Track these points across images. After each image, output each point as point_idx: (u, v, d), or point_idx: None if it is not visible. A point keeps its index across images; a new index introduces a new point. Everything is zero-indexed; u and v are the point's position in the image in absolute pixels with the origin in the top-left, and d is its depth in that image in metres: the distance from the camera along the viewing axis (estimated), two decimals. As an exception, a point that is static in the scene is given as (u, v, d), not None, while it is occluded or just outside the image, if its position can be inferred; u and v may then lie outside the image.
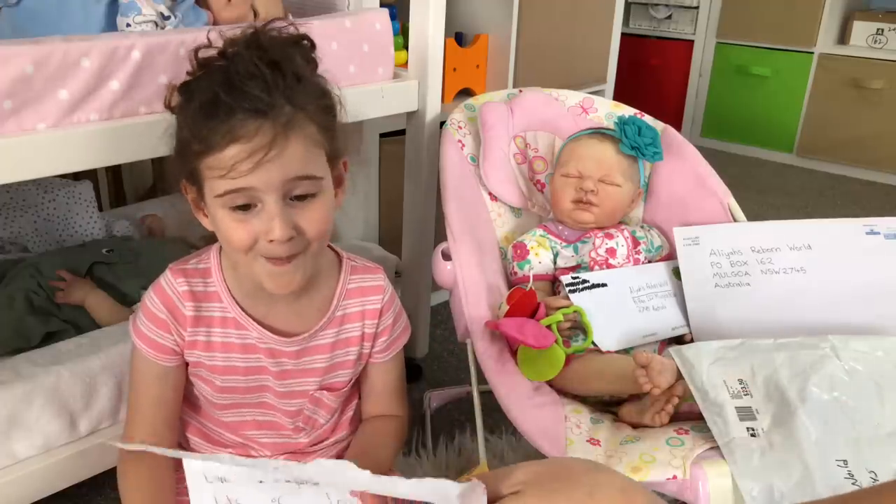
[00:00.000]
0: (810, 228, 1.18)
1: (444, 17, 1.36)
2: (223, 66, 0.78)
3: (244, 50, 0.78)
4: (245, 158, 0.75)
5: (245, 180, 0.75)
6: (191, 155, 0.78)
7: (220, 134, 0.75)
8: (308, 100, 0.80)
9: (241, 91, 0.75)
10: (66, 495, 1.11)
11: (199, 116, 0.76)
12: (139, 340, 0.88)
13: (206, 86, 0.77)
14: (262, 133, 0.75)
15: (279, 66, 0.78)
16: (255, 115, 0.75)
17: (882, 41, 2.92)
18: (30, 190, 1.44)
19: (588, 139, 1.27)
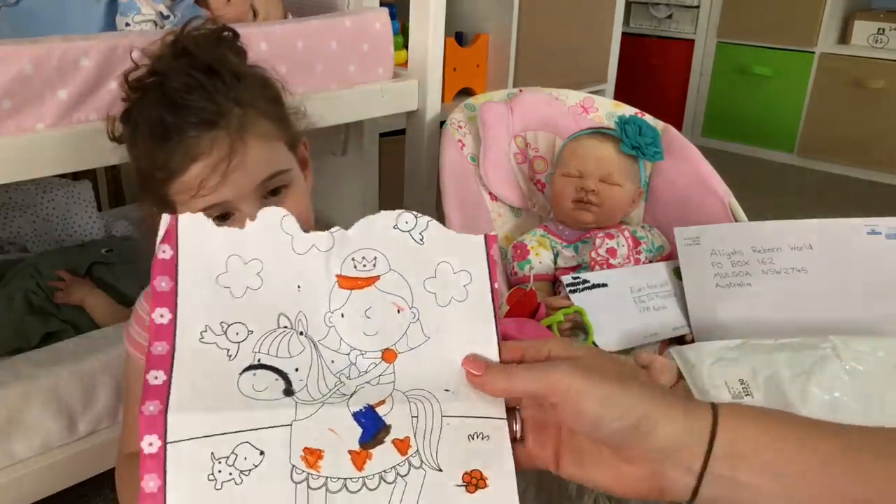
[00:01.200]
0: (811, 228, 1.18)
1: (444, 17, 1.35)
2: (157, 84, 0.75)
3: (174, 62, 0.75)
4: (209, 174, 0.73)
5: (217, 195, 0.74)
6: (155, 184, 0.76)
7: (177, 156, 0.73)
8: (253, 95, 0.78)
9: (185, 107, 0.73)
10: (66, 495, 1.11)
11: (151, 144, 0.74)
12: (132, 348, 0.87)
13: (147, 110, 0.75)
14: (219, 144, 0.73)
15: (214, 70, 0.75)
16: (206, 127, 0.73)
17: (883, 41, 2.92)
18: (29, 190, 1.44)
19: (588, 139, 1.27)
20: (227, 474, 0.45)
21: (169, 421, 0.45)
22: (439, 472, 0.48)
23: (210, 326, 0.49)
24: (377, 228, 0.53)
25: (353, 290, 0.51)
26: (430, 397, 0.49)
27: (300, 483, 0.46)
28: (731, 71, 3.28)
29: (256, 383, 0.48)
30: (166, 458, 0.44)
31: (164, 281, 0.50)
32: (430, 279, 0.53)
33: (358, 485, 0.47)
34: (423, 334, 0.51)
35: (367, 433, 0.48)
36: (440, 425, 0.49)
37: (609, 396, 0.45)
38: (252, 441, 0.46)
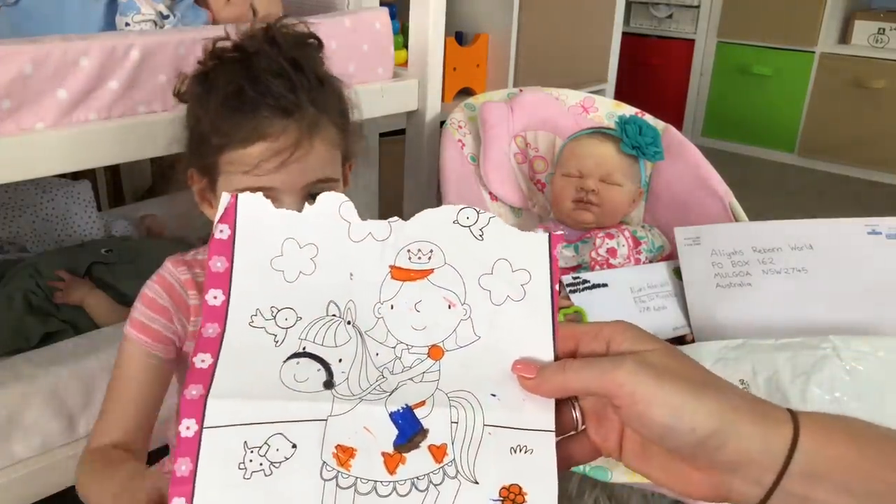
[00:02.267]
0: (812, 228, 1.18)
1: (444, 17, 1.35)
2: (243, 60, 0.76)
3: (265, 46, 0.77)
4: (270, 157, 0.74)
5: (268, 179, 0.75)
6: (209, 148, 0.77)
7: (245, 130, 0.74)
8: (329, 103, 0.80)
9: (266, 87, 0.74)
10: (66, 495, 1.11)
11: (222, 109, 0.75)
12: (132, 329, 0.82)
13: (227, 78, 0.76)
14: (288, 133, 0.75)
15: (301, 67, 0.77)
16: (281, 113, 0.75)
17: (883, 41, 2.92)
18: (28, 190, 1.44)
19: (589, 139, 1.26)
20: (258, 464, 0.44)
21: (208, 406, 0.45)
22: (475, 485, 0.45)
23: (260, 310, 0.48)
24: (436, 221, 0.51)
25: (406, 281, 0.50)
26: (473, 402, 0.47)
27: (329, 481, 0.45)
28: (732, 71, 3.28)
29: (298, 373, 0.47)
30: (201, 443, 0.44)
31: (219, 262, 0.49)
32: (486, 276, 0.50)
33: (388, 489, 0.45)
34: (473, 333, 0.49)
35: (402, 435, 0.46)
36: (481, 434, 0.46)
37: (681, 406, 0.40)
38: (286, 433, 0.45)
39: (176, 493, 0.43)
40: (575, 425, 0.47)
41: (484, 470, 0.45)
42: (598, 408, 0.46)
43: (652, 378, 0.41)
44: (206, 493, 0.43)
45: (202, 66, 0.79)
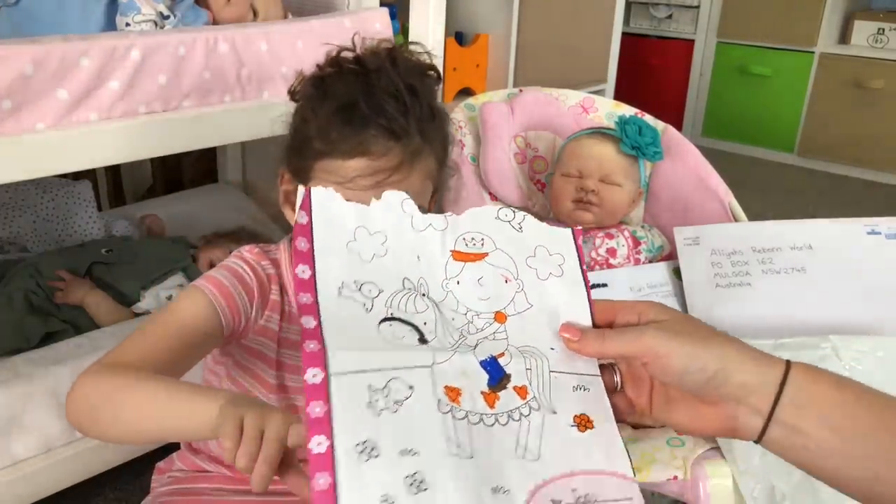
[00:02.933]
0: (811, 228, 1.18)
1: (444, 17, 1.36)
2: (364, 74, 0.77)
3: (387, 65, 0.77)
4: (368, 174, 0.74)
5: (359, 195, 0.69)
6: (309, 151, 0.77)
7: (350, 142, 0.74)
8: (436, 136, 0.80)
9: (381, 106, 0.75)
10: (66, 495, 1.11)
11: (333, 117, 0.75)
12: (207, 283, 0.75)
13: (344, 88, 0.76)
14: (391, 155, 0.75)
15: (418, 94, 0.78)
16: (389, 134, 0.75)
17: (883, 41, 2.92)
18: (29, 190, 1.44)
19: (588, 139, 1.27)
20: (384, 403, 0.50)
21: (333, 356, 0.51)
22: (554, 415, 0.55)
23: (346, 283, 0.55)
24: (482, 217, 0.61)
25: (467, 262, 0.59)
26: (538, 354, 0.57)
27: (446, 413, 0.52)
28: (731, 71, 3.28)
29: (396, 332, 0.55)
30: (330, 388, 0.50)
31: (302, 242, 0.56)
32: (530, 258, 0.61)
33: (492, 420, 0.54)
34: (527, 301, 0.59)
35: (493, 379, 0.55)
36: (549, 377, 0.57)
37: (692, 354, 0.52)
38: (402, 377, 0.52)
39: (316, 432, 0.48)
40: (615, 386, 0.59)
41: (558, 403, 0.56)
42: (632, 371, 0.58)
43: (670, 338, 0.52)
44: (344, 431, 0.48)
45: (320, 71, 0.80)
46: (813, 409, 0.50)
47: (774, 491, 0.87)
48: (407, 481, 0.48)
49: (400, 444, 0.49)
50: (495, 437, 0.53)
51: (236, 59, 1.08)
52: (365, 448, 0.48)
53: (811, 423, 0.50)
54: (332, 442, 0.48)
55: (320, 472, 0.47)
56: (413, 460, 0.49)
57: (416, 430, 0.50)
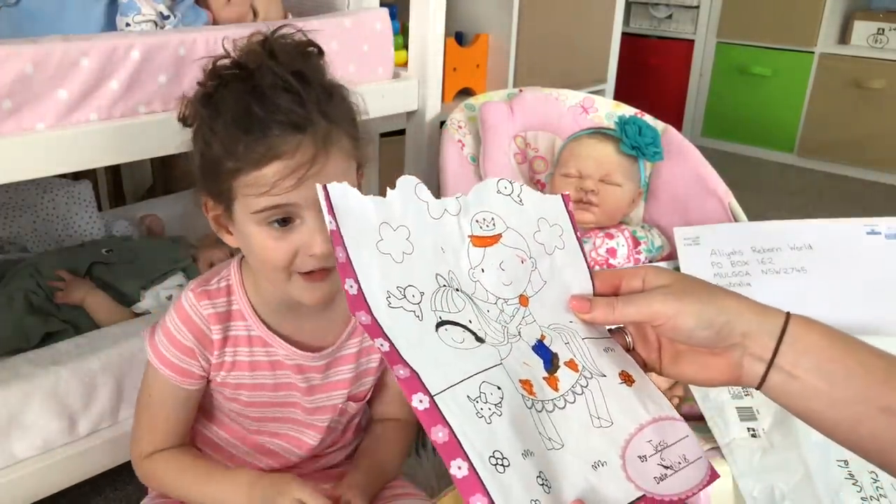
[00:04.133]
0: (811, 228, 1.18)
1: (444, 17, 1.36)
2: (247, 78, 0.74)
3: (267, 60, 0.75)
4: (288, 175, 0.72)
5: (286, 197, 0.73)
6: (223, 173, 0.74)
7: (258, 151, 0.72)
8: (340, 113, 0.78)
9: (274, 104, 0.72)
10: (66, 495, 1.11)
11: (232, 132, 0.73)
12: (161, 365, 0.85)
13: (232, 98, 0.74)
14: (303, 149, 0.73)
15: (308, 79, 0.75)
16: (293, 129, 0.72)
17: (883, 41, 2.92)
18: (29, 190, 1.44)
19: (588, 139, 1.27)
20: (488, 410, 0.50)
21: (422, 377, 0.50)
22: (605, 377, 0.58)
23: (391, 292, 0.53)
24: (486, 193, 0.60)
25: (486, 247, 0.59)
26: (566, 327, 0.59)
27: (530, 408, 0.53)
28: (731, 71, 3.28)
29: (454, 336, 0.53)
30: (440, 409, 0.49)
31: (339, 252, 0.53)
32: (536, 233, 0.61)
33: (562, 402, 0.55)
34: (541, 279, 0.60)
35: (547, 362, 0.56)
36: (585, 345, 0.58)
37: (699, 312, 0.55)
38: (488, 380, 0.52)
39: (451, 457, 0.47)
40: (628, 346, 0.62)
41: (602, 366, 0.58)
42: (641, 332, 0.62)
43: (677, 300, 0.55)
44: (473, 448, 0.48)
45: (203, 88, 0.77)
46: (808, 356, 0.54)
47: (774, 491, 0.87)
48: (538, 482, 0.49)
49: (517, 447, 0.49)
50: (571, 418, 0.54)
51: (236, 59, 1.08)
52: (497, 460, 0.48)
53: (804, 371, 0.53)
54: (471, 463, 0.47)
55: (474, 497, 0.46)
56: (532, 461, 0.50)
57: (522, 430, 0.51)
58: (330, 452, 0.99)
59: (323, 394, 0.91)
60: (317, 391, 0.91)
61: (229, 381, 0.88)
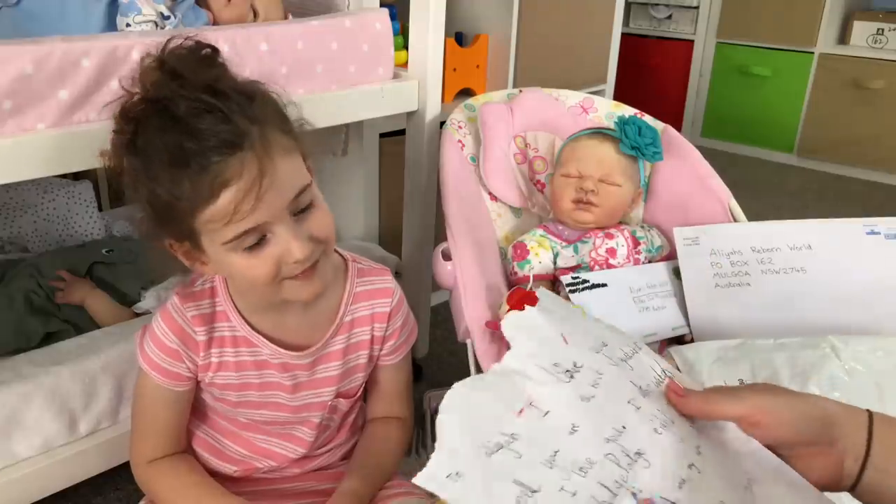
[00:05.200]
0: (810, 228, 1.18)
1: (444, 17, 1.36)
2: (161, 111, 0.71)
3: (171, 85, 0.71)
4: (243, 199, 0.70)
5: (252, 219, 0.72)
6: (179, 215, 0.72)
7: (205, 184, 0.69)
8: (266, 112, 0.75)
9: (201, 131, 0.69)
10: (66, 495, 1.11)
11: (173, 174, 0.70)
12: (150, 368, 0.86)
13: (157, 139, 0.70)
14: (249, 166, 0.70)
15: (218, 89, 0.72)
16: (230, 150, 0.70)
17: (882, 41, 2.92)
18: (29, 190, 1.44)
19: (588, 139, 1.27)
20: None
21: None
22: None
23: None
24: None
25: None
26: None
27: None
28: (731, 71, 3.29)
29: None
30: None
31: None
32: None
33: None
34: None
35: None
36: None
37: (793, 405, 0.55)
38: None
39: None
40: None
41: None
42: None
43: (770, 394, 0.56)
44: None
45: (121, 135, 0.74)
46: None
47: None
48: None
49: None
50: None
51: (236, 59, 1.08)
52: None
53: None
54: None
55: None
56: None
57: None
58: (325, 452, 0.99)
59: (310, 390, 0.92)
60: (303, 388, 0.91)
61: (216, 382, 0.89)
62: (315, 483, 0.98)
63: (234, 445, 0.95)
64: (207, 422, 0.95)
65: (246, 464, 0.96)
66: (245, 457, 0.96)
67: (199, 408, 0.94)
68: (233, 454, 0.96)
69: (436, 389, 1.47)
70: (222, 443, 0.96)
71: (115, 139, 0.75)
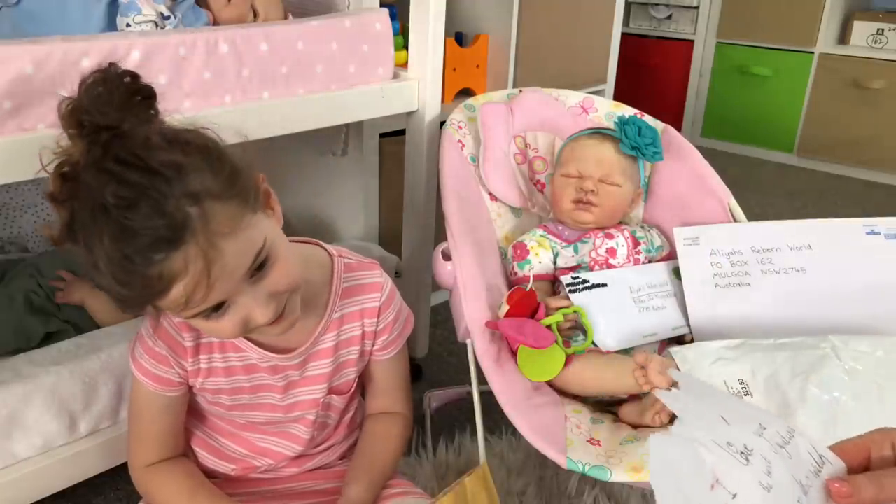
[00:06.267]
0: (810, 228, 1.18)
1: (444, 17, 1.36)
2: (90, 196, 0.64)
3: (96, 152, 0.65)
4: (194, 289, 0.67)
5: (207, 302, 0.70)
6: (137, 300, 0.70)
7: (153, 281, 0.66)
8: (202, 180, 0.67)
9: (135, 231, 0.64)
10: (66, 495, 1.11)
11: (118, 272, 0.66)
12: (141, 374, 0.87)
13: (95, 234, 0.65)
14: (192, 260, 0.66)
15: (147, 166, 0.64)
16: (169, 247, 0.65)
17: (882, 41, 2.92)
18: (29, 190, 1.44)
19: (588, 139, 1.27)
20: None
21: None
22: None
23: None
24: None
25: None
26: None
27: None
28: (731, 71, 3.29)
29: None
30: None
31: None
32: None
33: None
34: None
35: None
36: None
37: None
38: None
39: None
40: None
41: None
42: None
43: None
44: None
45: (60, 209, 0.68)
46: None
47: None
48: None
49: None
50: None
51: (237, 59, 1.08)
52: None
53: None
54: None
55: None
56: None
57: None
58: (323, 451, 0.99)
59: (303, 388, 0.92)
60: (295, 386, 0.91)
61: (208, 387, 0.89)
62: (314, 482, 0.98)
63: (233, 444, 0.96)
64: (205, 422, 0.96)
65: (244, 462, 0.96)
66: (244, 456, 0.96)
67: (196, 409, 0.94)
68: (231, 453, 0.96)
69: (436, 389, 1.47)
70: (220, 442, 0.96)
71: (58, 230, 0.69)
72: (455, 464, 1.32)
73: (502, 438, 1.36)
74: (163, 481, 0.89)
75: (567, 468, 0.91)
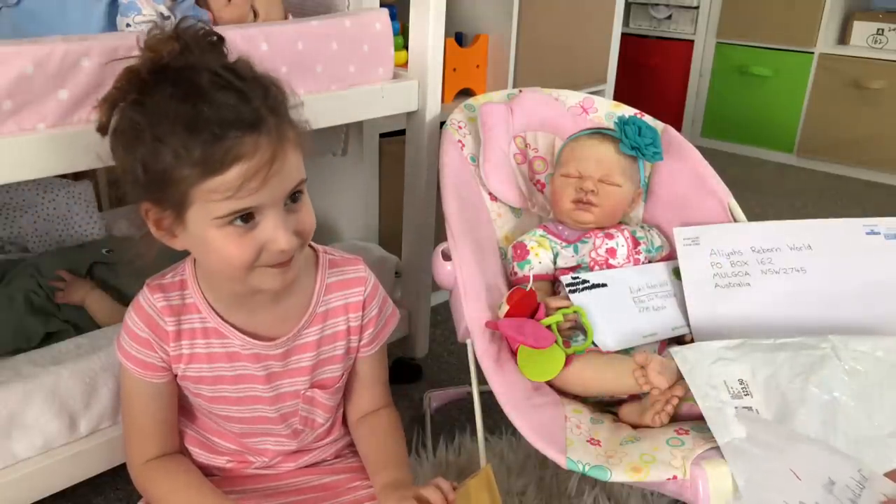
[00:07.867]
0: (810, 228, 1.18)
1: (444, 17, 1.36)
2: (178, 79, 0.71)
3: (193, 56, 0.73)
4: (252, 177, 0.71)
5: (252, 199, 0.73)
6: (177, 181, 0.71)
7: (218, 155, 0.70)
8: (282, 105, 0.77)
9: (223, 104, 0.70)
10: (66, 495, 1.11)
11: (184, 138, 0.69)
12: (126, 360, 0.88)
13: (173, 102, 0.70)
14: (262, 149, 0.72)
15: (242, 75, 0.74)
16: (249, 129, 0.71)
17: (882, 41, 2.92)
18: (29, 190, 1.44)
19: (588, 139, 1.27)
20: None
21: None
22: None
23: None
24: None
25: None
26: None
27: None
28: (731, 71, 3.29)
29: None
30: None
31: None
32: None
33: None
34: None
35: None
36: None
37: None
38: None
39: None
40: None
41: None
42: None
43: None
44: None
45: (127, 93, 0.73)
46: None
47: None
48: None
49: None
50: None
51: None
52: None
53: None
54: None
55: None
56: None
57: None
58: (318, 447, 1.00)
59: (283, 380, 0.92)
60: (277, 378, 0.92)
61: (189, 375, 0.90)
62: (311, 478, 0.98)
63: (223, 442, 0.96)
64: (196, 421, 0.96)
65: (239, 456, 0.96)
66: (234, 452, 0.96)
67: (187, 408, 0.95)
68: (223, 450, 0.96)
69: (436, 389, 1.47)
70: (212, 440, 0.96)
71: (113, 94, 0.75)
72: (455, 463, 1.32)
73: (502, 438, 1.36)
74: (160, 477, 0.89)
75: (567, 468, 0.91)
